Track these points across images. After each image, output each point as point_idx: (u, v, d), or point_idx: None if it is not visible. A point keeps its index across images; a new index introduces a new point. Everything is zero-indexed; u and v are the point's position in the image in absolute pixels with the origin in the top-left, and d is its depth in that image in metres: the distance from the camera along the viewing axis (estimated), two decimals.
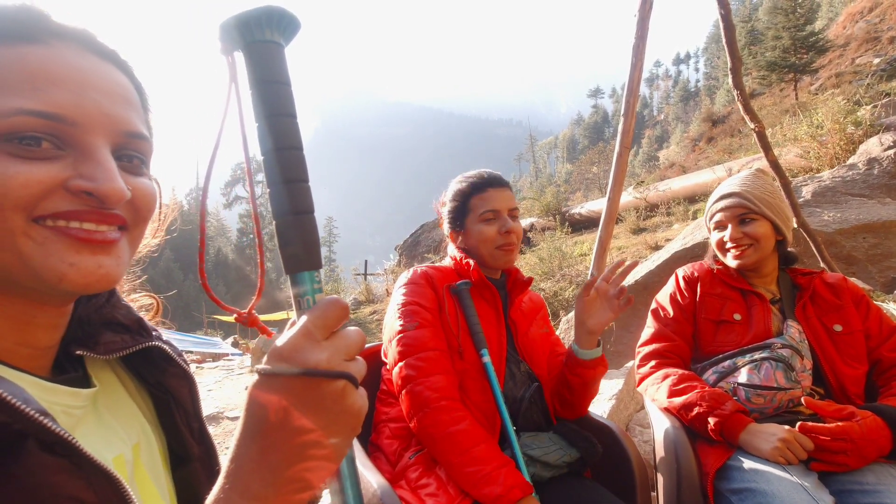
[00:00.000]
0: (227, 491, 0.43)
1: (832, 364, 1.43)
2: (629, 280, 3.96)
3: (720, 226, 1.60)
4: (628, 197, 11.45)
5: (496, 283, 1.50)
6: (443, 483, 1.18)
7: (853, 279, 3.14)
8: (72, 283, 0.47)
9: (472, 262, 1.45)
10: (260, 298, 0.54)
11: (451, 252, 1.54)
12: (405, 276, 1.46)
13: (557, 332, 1.77)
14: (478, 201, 1.47)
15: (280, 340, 0.43)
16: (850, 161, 4.37)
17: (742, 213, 1.55)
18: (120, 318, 0.60)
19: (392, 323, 1.36)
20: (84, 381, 0.56)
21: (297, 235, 0.47)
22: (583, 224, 12.62)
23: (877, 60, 16.80)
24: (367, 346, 1.65)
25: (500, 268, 1.50)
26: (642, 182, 13.67)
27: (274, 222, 0.47)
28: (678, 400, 1.42)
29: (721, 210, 1.59)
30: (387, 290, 10.20)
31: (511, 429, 1.26)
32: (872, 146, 6.13)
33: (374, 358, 1.59)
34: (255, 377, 0.44)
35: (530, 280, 1.55)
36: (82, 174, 0.47)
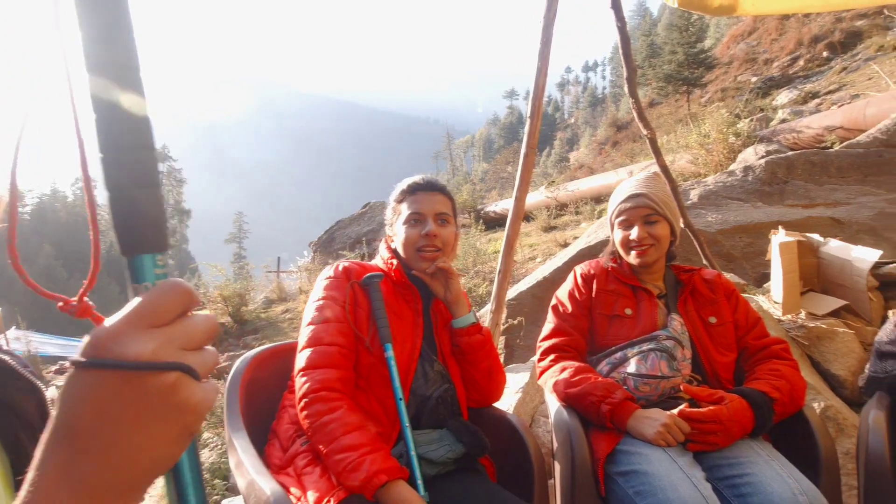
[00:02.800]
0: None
1: (707, 353, 1.58)
2: (539, 276, 4.13)
3: (627, 224, 1.69)
4: (540, 196, 11.93)
5: (420, 284, 1.52)
6: (326, 472, 1.20)
7: (730, 275, 3.47)
8: None
9: (395, 261, 1.49)
10: (94, 283, 0.46)
11: (381, 251, 1.57)
12: (328, 270, 1.47)
13: None
14: (406, 204, 1.50)
15: (100, 328, 0.37)
16: (731, 168, 4.83)
17: (647, 213, 1.65)
18: None
19: (306, 314, 1.40)
20: None
21: (135, 211, 0.40)
22: (497, 222, 12.96)
23: (754, 79, 18.72)
24: (276, 344, 1.61)
25: (423, 271, 1.49)
26: (553, 182, 14.29)
27: (108, 195, 0.40)
28: (574, 391, 1.50)
29: (628, 209, 1.67)
30: (300, 287, 9.87)
31: (405, 424, 1.29)
32: (749, 155, 6.84)
33: (283, 355, 1.58)
34: (71, 370, 0.37)
35: None
36: None
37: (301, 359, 1.32)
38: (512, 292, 3.81)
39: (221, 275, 8.38)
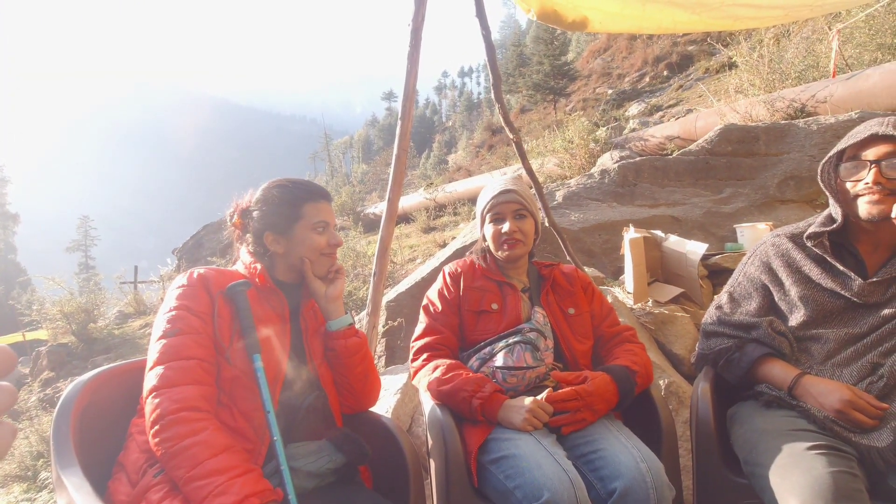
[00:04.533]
0: None
1: (568, 342, 1.70)
2: (417, 277, 4.17)
3: (498, 218, 1.75)
4: (419, 198, 12.09)
5: (286, 288, 1.45)
6: None
7: (591, 269, 3.79)
8: None
9: (258, 266, 1.40)
10: None
11: (243, 256, 1.47)
12: (180, 278, 1.35)
13: None
14: (313, 210, 1.44)
15: None
16: (591, 171, 5.26)
17: (517, 208, 1.74)
18: None
19: (156, 328, 1.27)
20: None
21: None
22: (376, 223, 12.85)
23: (610, 91, 20.71)
24: (119, 363, 1.44)
25: (320, 275, 1.48)
26: (432, 184, 14.56)
27: None
28: (446, 388, 1.53)
29: (500, 204, 1.74)
30: (162, 298, 8.98)
31: (276, 438, 1.21)
32: (605, 160, 7.52)
33: (130, 375, 1.40)
34: None
35: None
36: None
37: (152, 377, 1.18)
38: (391, 294, 3.80)
39: (62, 288, 7.32)
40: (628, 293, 3.18)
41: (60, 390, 6.16)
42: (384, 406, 2.35)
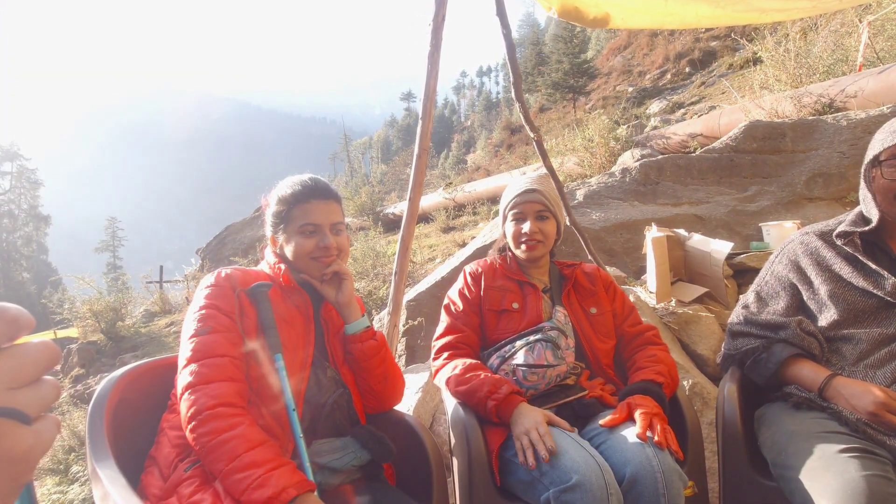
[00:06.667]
0: None
1: (589, 341, 1.69)
2: (437, 277, 4.17)
3: (520, 217, 1.75)
4: (438, 198, 12.12)
5: (309, 288, 1.46)
6: (219, 498, 1.09)
7: (612, 269, 3.75)
8: None
9: (283, 266, 1.41)
10: None
11: (267, 256, 1.49)
12: (208, 278, 1.37)
13: None
14: (299, 212, 1.42)
15: None
16: (612, 170, 5.20)
17: (540, 209, 1.73)
18: None
19: (187, 326, 1.29)
20: None
21: None
22: (397, 223, 12.94)
23: (630, 89, 20.47)
24: (149, 360, 1.48)
25: (318, 278, 1.46)
26: (451, 184, 14.56)
27: None
28: (463, 388, 1.53)
29: (523, 203, 1.73)
30: (186, 297, 9.15)
31: (298, 435, 1.23)
32: (626, 158, 7.43)
33: (160, 372, 1.45)
34: None
35: None
36: None
37: (187, 374, 1.20)
38: (411, 293, 3.81)
39: (91, 287, 7.52)
40: (651, 293, 3.14)
41: (90, 387, 6.33)
42: (406, 404, 2.36)
